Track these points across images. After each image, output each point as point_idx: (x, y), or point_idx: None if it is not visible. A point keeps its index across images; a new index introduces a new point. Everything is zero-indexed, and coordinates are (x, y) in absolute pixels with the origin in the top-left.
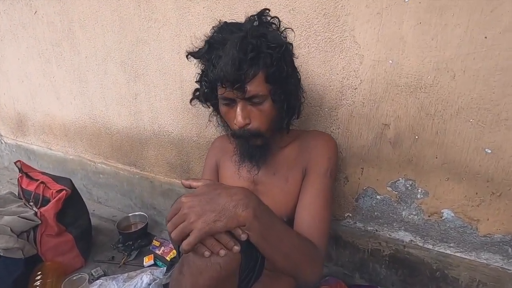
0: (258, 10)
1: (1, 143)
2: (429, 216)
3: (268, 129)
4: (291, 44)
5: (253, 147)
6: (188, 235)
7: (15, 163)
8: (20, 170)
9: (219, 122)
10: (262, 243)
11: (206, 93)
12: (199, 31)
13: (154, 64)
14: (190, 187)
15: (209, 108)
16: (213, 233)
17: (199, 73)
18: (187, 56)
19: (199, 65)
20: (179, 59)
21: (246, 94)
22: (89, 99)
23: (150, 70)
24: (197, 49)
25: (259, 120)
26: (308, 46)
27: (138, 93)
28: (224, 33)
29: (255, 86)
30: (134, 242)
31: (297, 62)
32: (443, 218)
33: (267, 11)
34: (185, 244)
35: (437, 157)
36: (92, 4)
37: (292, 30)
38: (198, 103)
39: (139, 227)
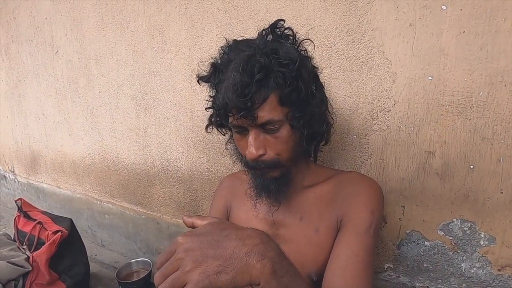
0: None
1: (15, 182)
2: (499, 271)
3: (289, 158)
4: (309, 58)
5: (269, 180)
6: None
7: (15, 201)
8: (19, 209)
9: (235, 150)
10: None
11: (217, 120)
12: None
13: (165, 95)
14: (193, 226)
15: (224, 135)
16: None
17: (208, 100)
18: (198, 81)
19: (210, 90)
20: (190, 89)
21: (257, 121)
22: (99, 134)
23: (161, 101)
24: (206, 73)
25: (275, 149)
26: (330, 67)
27: (148, 126)
28: (231, 53)
29: (267, 111)
30: None
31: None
32: None
33: (282, 21)
34: None
35: (503, 191)
36: (108, 40)
37: (311, 41)
38: (214, 130)
39: (141, 276)
